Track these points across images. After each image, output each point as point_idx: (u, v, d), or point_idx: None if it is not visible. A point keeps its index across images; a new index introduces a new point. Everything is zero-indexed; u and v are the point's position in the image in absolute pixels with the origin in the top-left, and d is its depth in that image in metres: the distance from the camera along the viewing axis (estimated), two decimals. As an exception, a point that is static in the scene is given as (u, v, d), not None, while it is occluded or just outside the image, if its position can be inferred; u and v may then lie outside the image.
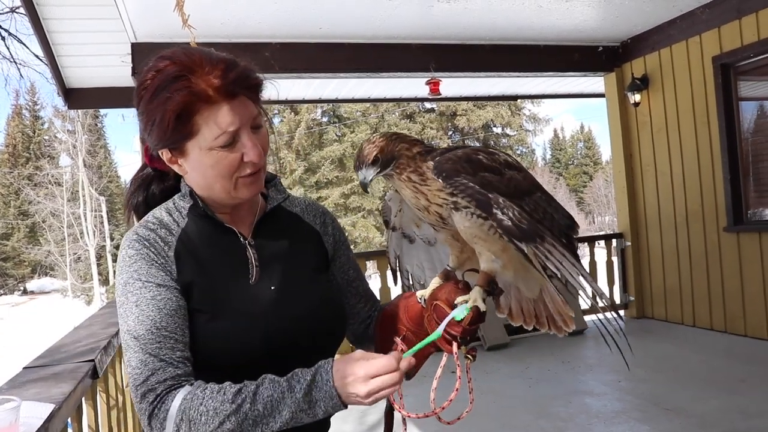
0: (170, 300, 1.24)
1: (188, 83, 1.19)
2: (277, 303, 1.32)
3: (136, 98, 1.27)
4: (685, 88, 6.69)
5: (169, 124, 1.21)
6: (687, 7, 6.27)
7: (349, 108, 33.01)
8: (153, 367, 1.17)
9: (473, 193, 1.25)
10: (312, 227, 1.50)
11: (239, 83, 1.23)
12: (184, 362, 1.21)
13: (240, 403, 1.13)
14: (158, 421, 1.14)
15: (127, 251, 1.28)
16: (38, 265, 37.98)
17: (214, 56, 1.25)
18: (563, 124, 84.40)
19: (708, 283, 6.60)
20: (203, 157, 1.25)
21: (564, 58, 7.22)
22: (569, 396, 4.99)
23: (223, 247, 1.35)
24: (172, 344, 1.20)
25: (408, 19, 5.95)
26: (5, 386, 1.82)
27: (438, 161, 1.31)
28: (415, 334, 1.39)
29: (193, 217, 1.35)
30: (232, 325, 1.27)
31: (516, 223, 1.22)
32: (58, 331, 18.46)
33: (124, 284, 1.25)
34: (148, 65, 1.27)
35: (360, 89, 8.50)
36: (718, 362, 5.53)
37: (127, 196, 1.47)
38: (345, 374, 1.15)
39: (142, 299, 1.22)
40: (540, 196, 1.35)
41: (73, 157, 34.07)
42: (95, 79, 7.06)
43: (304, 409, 1.14)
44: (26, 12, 5.26)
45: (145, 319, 1.20)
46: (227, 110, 1.21)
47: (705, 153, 6.50)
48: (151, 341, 1.19)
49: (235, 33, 5.91)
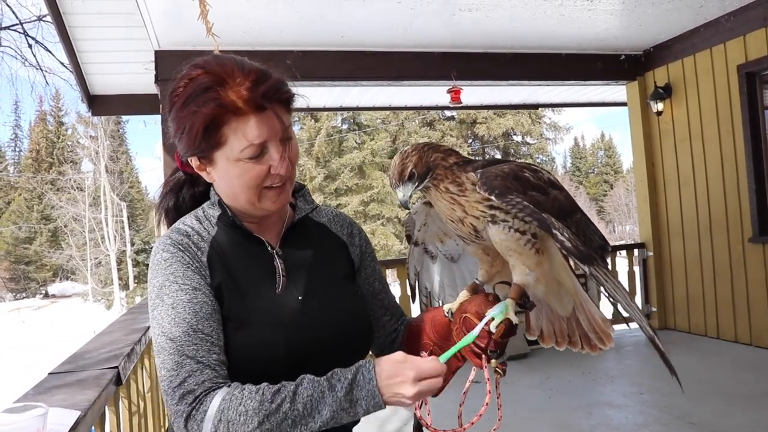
0: (206, 303, 1.24)
1: (217, 95, 1.20)
2: (304, 313, 1.32)
3: (168, 104, 1.29)
4: (708, 96, 6.62)
5: (198, 134, 1.22)
6: (711, 15, 6.21)
7: (369, 115, 33.10)
8: (190, 369, 1.17)
9: (532, 212, 1.23)
10: (339, 238, 1.50)
11: (269, 96, 1.23)
12: (220, 365, 1.20)
13: (279, 402, 1.12)
14: (196, 423, 1.13)
15: (162, 254, 1.29)
16: (60, 269, 38.39)
17: (246, 66, 1.25)
18: (584, 132, 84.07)
19: (732, 294, 6.50)
20: (230, 168, 1.26)
21: (586, 66, 7.17)
22: (590, 408, 4.93)
23: (251, 256, 1.35)
24: (208, 347, 1.20)
25: (430, 27, 5.95)
26: (31, 392, 1.83)
27: (486, 176, 1.28)
28: (442, 348, 1.37)
29: (223, 226, 1.36)
30: (259, 334, 1.26)
31: (575, 244, 1.20)
32: (78, 334, 18.66)
33: (159, 287, 1.25)
34: (181, 72, 1.28)
35: (381, 97, 8.51)
36: (744, 376, 5.43)
37: (159, 200, 1.48)
38: (393, 374, 1.15)
39: (178, 302, 1.22)
40: (580, 217, 1.33)
41: (95, 162, 34.46)
42: (118, 86, 7.14)
43: (345, 408, 1.13)
44: (53, 20, 5.32)
45: (181, 322, 1.20)
46: (255, 123, 1.22)
47: (729, 162, 6.42)
48: (188, 343, 1.19)
49: (257, 41, 5.94)
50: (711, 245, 6.75)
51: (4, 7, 13.55)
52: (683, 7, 5.87)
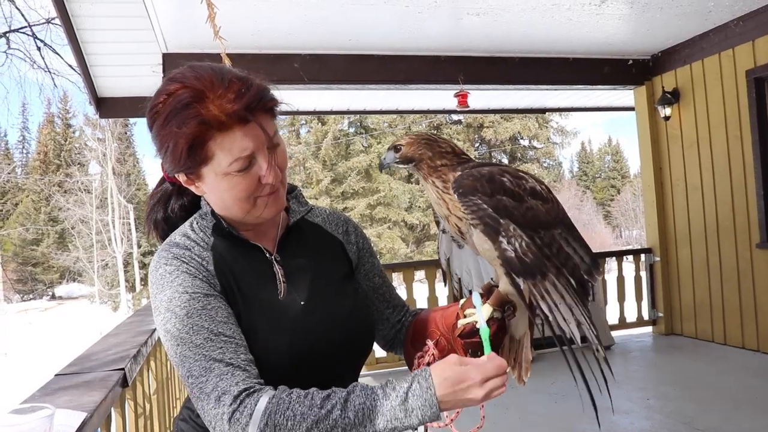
0: (221, 308, 1.23)
1: (198, 111, 1.17)
2: (306, 317, 1.31)
3: (149, 120, 1.25)
4: (717, 101, 6.60)
5: (182, 153, 1.20)
6: (720, 20, 6.20)
7: (376, 119, 33.15)
8: (220, 372, 1.14)
9: (483, 216, 1.20)
10: (335, 237, 1.49)
11: (252, 107, 1.19)
12: (250, 364, 1.18)
13: (330, 408, 1.10)
14: (240, 426, 1.10)
15: (165, 268, 1.26)
16: (67, 270, 38.48)
17: (226, 76, 1.21)
18: (591, 137, 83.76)
19: (740, 300, 6.47)
20: (219, 182, 1.24)
21: (593, 71, 7.17)
22: (596, 413, 4.90)
23: (250, 264, 1.34)
24: (234, 347, 1.18)
25: (437, 31, 5.96)
26: (38, 393, 1.83)
27: (461, 175, 1.28)
28: (449, 342, 1.37)
29: (218, 236, 1.34)
30: (263, 342, 1.25)
31: (519, 255, 1.17)
32: (85, 336, 18.73)
33: (168, 300, 1.22)
34: (159, 87, 1.25)
35: (388, 101, 8.52)
36: (751, 382, 5.40)
37: (147, 212, 1.45)
38: (459, 380, 1.13)
39: (192, 311, 1.20)
40: (560, 232, 1.28)
41: (102, 164, 34.56)
42: (126, 89, 7.15)
43: (400, 417, 1.10)
44: (61, 23, 5.34)
45: (200, 329, 1.18)
46: (241, 135, 1.19)
47: (737, 168, 6.40)
48: (212, 348, 1.16)
49: (265, 44, 5.96)
50: (718, 250, 6.72)
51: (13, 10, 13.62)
52: (692, 12, 5.86)
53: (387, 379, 1.15)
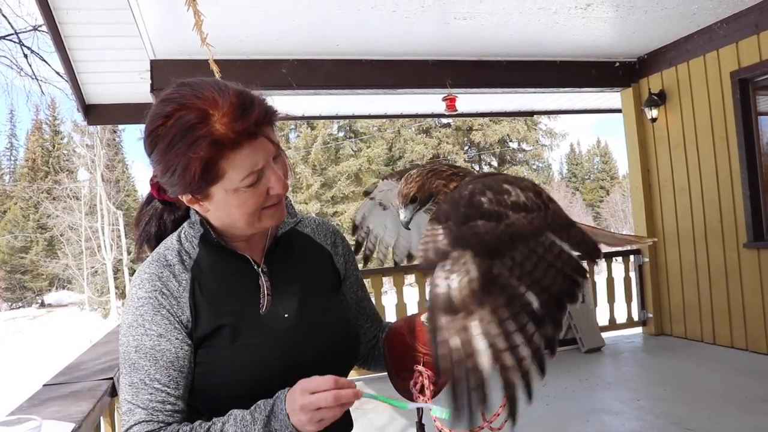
0: (168, 351, 1.24)
1: (207, 131, 1.14)
2: (290, 331, 1.31)
3: (148, 145, 1.22)
4: (702, 103, 6.65)
5: (195, 175, 1.17)
6: (704, 22, 6.25)
7: (366, 123, 33.17)
8: (138, 419, 1.21)
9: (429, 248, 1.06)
10: (324, 248, 1.49)
11: (260, 122, 1.19)
12: (172, 415, 1.23)
13: None
14: None
15: (137, 291, 1.27)
16: (56, 278, 38.27)
17: (224, 90, 1.19)
18: (579, 138, 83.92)
19: (728, 299, 6.52)
20: (229, 198, 1.22)
21: (581, 73, 7.20)
22: (587, 415, 4.93)
23: (235, 276, 1.33)
24: (163, 397, 1.22)
25: (425, 36, 5.97)
26: (25, 404, 1.83)
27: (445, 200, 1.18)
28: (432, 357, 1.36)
29: (204, 246, 1.33)
30: (248, 356, 1.26)
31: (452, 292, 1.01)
32: (75, 344, 18.59)
33: (128, 326, 1.26)
34: (154, 109, 1.21)
35: (377, 105, 8.53)
36: (740, 381, 5.43)
37: (139, 230, 1.44)
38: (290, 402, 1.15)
39: (141, 346, 1.24)
40: (544, 239, 1.12)
41: (91, 171, 34.43)
42: (114, 96, 7.13)
43: None
44: (48, 30, 5.33)
45: (140, 369, 1.23)
46: (251, 151, 1.18)
47: (724, 168, 6.45)
48: (143, 391, 1.22)
49: (252, 50, 5.96)
50: (706, 251, 6.77)
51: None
52: (676, 14, 5.91)
53: (257, 402, 1.20)
